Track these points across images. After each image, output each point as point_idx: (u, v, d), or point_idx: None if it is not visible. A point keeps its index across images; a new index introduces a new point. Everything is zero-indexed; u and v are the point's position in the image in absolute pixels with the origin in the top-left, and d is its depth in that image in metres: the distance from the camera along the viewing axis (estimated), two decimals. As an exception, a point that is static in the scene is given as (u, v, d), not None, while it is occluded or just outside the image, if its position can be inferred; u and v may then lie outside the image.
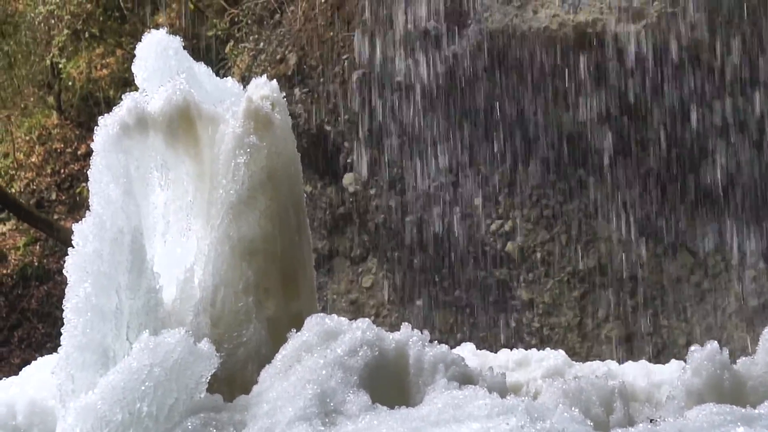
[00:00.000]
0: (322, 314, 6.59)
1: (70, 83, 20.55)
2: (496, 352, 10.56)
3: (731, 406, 5.35)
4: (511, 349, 10.75)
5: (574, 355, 11.66)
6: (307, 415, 5.53)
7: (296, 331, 6.42)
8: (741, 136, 11.48)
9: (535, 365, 9.80)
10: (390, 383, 6.15)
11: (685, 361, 6.84)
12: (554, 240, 13.09)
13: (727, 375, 6.39)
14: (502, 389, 6.28)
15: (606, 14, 11.62)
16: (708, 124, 11.63)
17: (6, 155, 21.11)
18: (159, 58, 7.62)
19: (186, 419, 5.76)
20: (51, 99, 21.13)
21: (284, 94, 7.65)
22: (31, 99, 21.45)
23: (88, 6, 18.98)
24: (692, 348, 6.65)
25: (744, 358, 6.69)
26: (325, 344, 6.20)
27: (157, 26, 10.43)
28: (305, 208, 7.73)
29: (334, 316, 6.54)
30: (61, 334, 6.49)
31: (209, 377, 6.00)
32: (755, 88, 11.33)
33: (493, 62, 12.78)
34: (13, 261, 19.42)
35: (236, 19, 15.92)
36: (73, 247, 6.53)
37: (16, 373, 8.63)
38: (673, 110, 11.75)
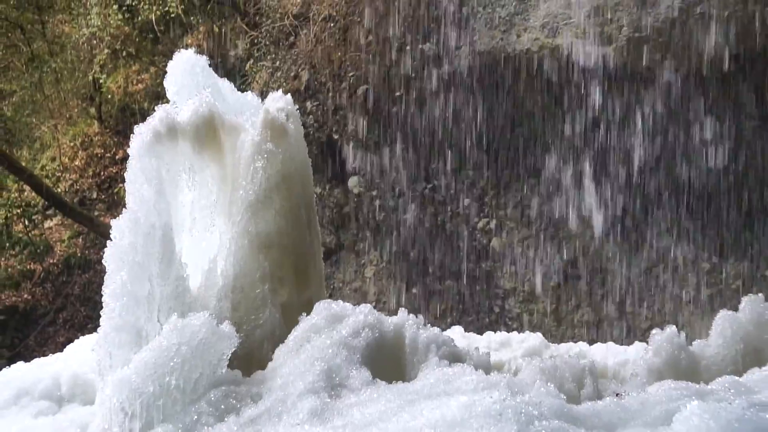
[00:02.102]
0: (329, 300, 6.59)
1: (109, 96, 20.54)
2: (481, 335, 10.57)
3: (687, 383, 5.35)
4: (495, 332, 10.78)
5: (550, 337, 11.67)
6: (315, 389, 5.54)
7: (306, 315, 6.43)
8: (696, 147, 11.49)
9: (516, 346, 9.81)
10: (388, 361, 6.15)
11: (647, 343, 6.85)
12: (534, 236, 13.09)
13: (683, 355, 6.41)
14: (486, 367, 6.29)
15: (580, 38, 11.61)
16: (668, 136, 11.63)
17: (53, 159, 21.11)
18: (188, 75, 7.62)
19: (209, 391, 5.77)
20: (93, 110, 21.11)
21: (297, 106, 7.66)
22: (76, 110, 21.44)
23: (126, 28, 18.96)
24: (653, 331, 6.67)
25: (698, 341, 6.70)
26: (331, 326, 6.21)
27: (186, 46, 10.42)
28: (315, 207, 7.74)
29: (340, 301, 6.55)
30: (100, 316, 6.50)
31: (230, 355, 6.02)
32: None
33: (482, 79, 12.78)
34: (58, 252, 19.42)
35: (256, 41, 15.92)
36: (111, 240, 6.54)
37: (62, 350, 8.66)
38: (638, 122, 11.75)
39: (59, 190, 19.89)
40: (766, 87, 10.90)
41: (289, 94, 7.58)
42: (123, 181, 6.90)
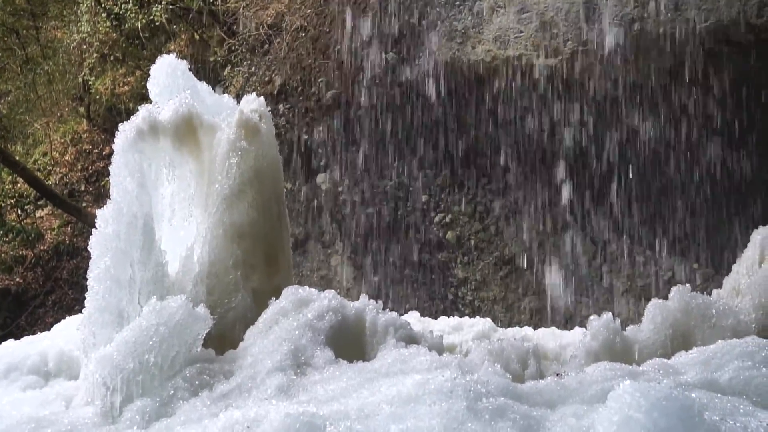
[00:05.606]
0: (296, 286, 6.59)
1: (97, 97, 20.40)
2: (436, 319, 10.58)
3: (621, 364, 5.39)
4: (449, 317, 10.79)
5: (499, 322, 11.69)
6: (282, 367, 5.54)
7: (275, 299, 6.42)
8: (630, 148, 11.55)
9: (467, 330, 9.82)
10: (350, 342, 6.16)
11: (586, 328, 6.88)
12: (485, 230, 13.11)
13: (618, 339, 6.44)
14: (439, 348, 6.31)
15: (530, 50, 11.63)
16: (605, 139, 11.69)
17: (45, 154, 20.95)
18: (169, 78, 7.59)
19: (185, 368, 5.75)
20: (82, 109, 20.94)
21: (270, 108, 7.63)
22: (66, 109, 21.27)
23: (114, 35, 18.84)
24: (591, 317, 6.70)
25: (632, 326, 6.74)
26: (298, 310, 6.20)
27: (168, 52, 10.32)
28: (285, 201, 7.72)
29: (306, 287, 6.55)
30: (86, 298, 6.47)
31: (204, 335, 6.00)
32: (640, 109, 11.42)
33: (439, 87, 12.78)
34: (49, 239, 19.29)
35: (233, 48, 15.84)
36: (97, 229, 6.50)
37: (50, 330, 8.59)
38: (580, 127, 11.80)
39: (50, 182, 19.74)
40: (701, 92, 10.94)
41: (262, 97, 7.56)
42: (109, 174, 6.86)
